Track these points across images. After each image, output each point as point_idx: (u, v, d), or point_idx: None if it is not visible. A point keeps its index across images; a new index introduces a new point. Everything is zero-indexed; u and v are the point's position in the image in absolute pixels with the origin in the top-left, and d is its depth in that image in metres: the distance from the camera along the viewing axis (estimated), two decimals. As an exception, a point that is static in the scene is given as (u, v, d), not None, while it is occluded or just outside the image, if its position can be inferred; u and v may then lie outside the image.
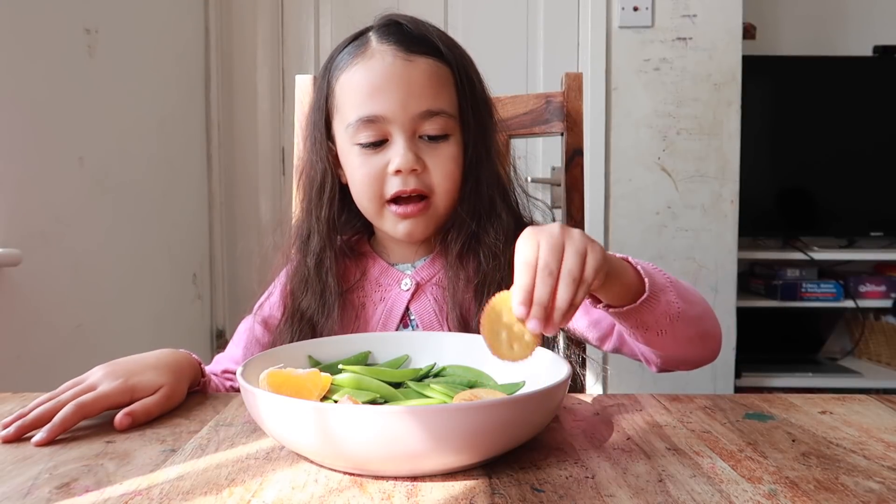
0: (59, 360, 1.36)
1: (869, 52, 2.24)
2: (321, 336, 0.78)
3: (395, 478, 0.46)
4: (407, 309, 0.81)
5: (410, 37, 0.78)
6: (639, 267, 0.63)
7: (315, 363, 0.64)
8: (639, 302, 0.62)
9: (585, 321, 0.78)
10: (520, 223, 0.83)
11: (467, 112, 0.79)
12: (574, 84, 0.99)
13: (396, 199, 0.78)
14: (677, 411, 0.61)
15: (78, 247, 1.44)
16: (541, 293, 0.51)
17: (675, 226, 2.03)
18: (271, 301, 0.86)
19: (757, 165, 2.13)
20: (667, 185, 2.03)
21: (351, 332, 0.79)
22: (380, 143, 0.77)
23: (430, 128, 0.77)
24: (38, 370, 1.30)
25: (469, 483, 0.45)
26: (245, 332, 0.86)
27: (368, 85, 0.76)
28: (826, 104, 2.20)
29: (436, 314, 0.80)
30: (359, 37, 0.80)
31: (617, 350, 0.77)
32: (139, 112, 1.71)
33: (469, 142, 0.79)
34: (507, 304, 0.53)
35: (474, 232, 0.79)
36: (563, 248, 0.53)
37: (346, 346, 0.68)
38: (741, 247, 2.06)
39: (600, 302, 0.63)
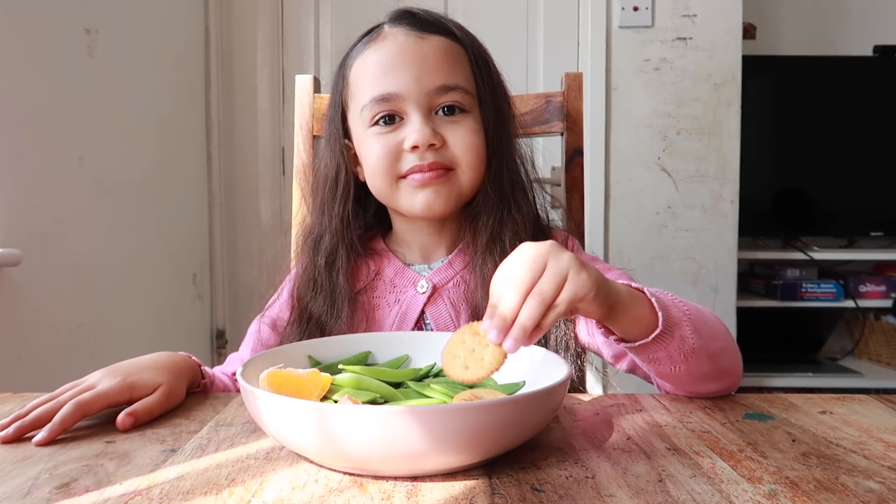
0: (59, 360, 1.36)
1: (869, 52, 2.24)
2: (334, 332, 0.77)
3: (395, 478, 0.46)
4: (422, 312, 0.79)
5: (423, 19, 0.78)
6: (653, 299, 0.58)
7: (315, 363, 0.64)
8: (651, 337, 0.58)
9: (602, 338, 0.75)
10: (537, 219, 0.82)
11: (484, 91, 0.78)
12: (574, 84, 0.99)
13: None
14: (677, 411, 0.61)
15: (78, 247, 1.44)
16: (504, 305, 0.50)
17: (675, 226, 2.04)
18: (280, 302, 0.85)
19: (757, 165, 2.13)
20: (667, 185, 2.04)
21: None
22: (395, 121, 0.75)
23: (446, 100, 0.75)
24: (38, 370, 1.30)
25: (469, 483, 0.45)
26: (253, 334, 0.84)
27: (381, 64, 0.75)
28: (826, 104, 2.20)
29: (452, 318, 0.78)
30: (372, 30, 0.80)
31: (631, 371, 0.74)
32: (139, 112, 1.71)
33: (489, 122, 0.78)
34: (474, 329, 0.53)
35: (502, 217, 0.76)
36: (542, 267, 0.51)
37: (346, 346, 0.67)
38: (741, 247, 2.06)
39: (612, 333, 0.60)
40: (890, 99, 2.19)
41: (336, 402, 0.54)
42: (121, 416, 0.56)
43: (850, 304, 2.16)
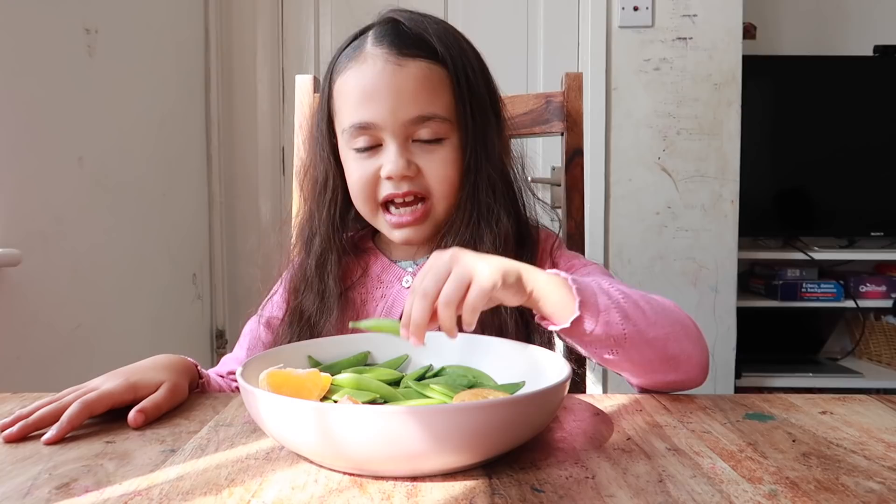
0: (58, 360, 1.36)
1: (869, 52, 2.24)
2: (321, 336, 0.78)
3: (395, 478, 0.46)
4: None
5: (406, 38, 0.76)
6: (574, 286, 0.60)
7: (315, 363, 0.64)
8: (569, 322, 0.60)
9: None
10: (522, 226, 0.82)
11: (465, 114, 0.77)
12: (574, 84, 0.99)
13: (391, 204, 0.78)
14: (677, 411, 0.61)
15: (78, 247, 1.44)
16: (413, 315, 0.55)
17: (675, 226, 2.03)
18: (273, 301, 0.86)
19: (757, 165, 2.13)
20: (667, 185, 2.04)
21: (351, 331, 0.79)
22: (373, 148, 0.77)
23: (424, 132, 0.76)
24: (38, 370, 1.30)
25: (469, 483, 0.45)
26: (248, 333, 0.86)
27: (360, 91, 0.76)
28: (826, 104, 2.20)
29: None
30: (358, 36, 0.80)
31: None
32: (139, 112, 1.71)
33: (468, 144, 0.78)
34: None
35: (469, 239, 0.77)
36: (446, 274, 0.56)
37: (346, 346, 0.68)
38: (741, 247, 2.06)
39: (545, 320, 0.62)
40: (890, 99, 2.18)
41: (336, 402, 0.54)
42: (131, 414, 0.57)
43: (850, 304, 2.16)
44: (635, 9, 1.99)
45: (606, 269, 0.81)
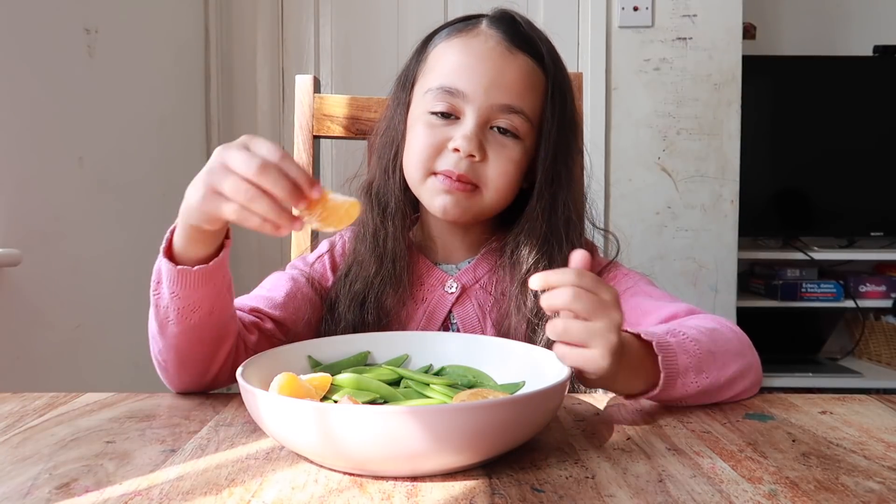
0: (59, 360, 1.36)
1: (869, 52, 2.24)
2: (383, 308, 0.77)
3: (395, 478, 0.46)
4: (449, 312, 0.80)
5: (520, 33, 0.78)
6: (659, 356, 0.58)
7: (315, 363, 0.64)
8: (652, 395, 0.59)
9: None
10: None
11: (550, 124, 0.77)
12: (574, 84, 0.99)
13: (443, 175, 0.76)
14: (677, 411, 0.61)
15: (78, 247, 1.44)
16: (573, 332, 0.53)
17: (675, 226, 2.03)
18: (316, 265, 0.83)
19: (757, 165, 2.13)
20: (667, 185, 2.04)
21: (393, 328, 0.79)
22: (450, 117, 0.76)
23: (504, 121, 0.75)
24: (38, 370, 1.30)
25: (469, 483, 0.45)
26: (288, 280, 0.80)
27: (463, 59, 0.76)
28: (826, 104, 2.20)
29: (479, 320, 0.78)
30: (471, 18, 0.80)
31: None
32: (139, 112, 1.71)
33: (545, 155, 0.77)
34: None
35: (538, 253, 0.76)
36: (597, 302, 0.53)
37: (345, 346, 0.68)
38: (741, 247, 2.06)
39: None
40: (890, 99, 2.19)
41: (336, 402, 0.54)
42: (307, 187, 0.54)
43: (850, 304, 2.16)
44: (635, 9, 1.99)
45: (648, 278, 0.80)
